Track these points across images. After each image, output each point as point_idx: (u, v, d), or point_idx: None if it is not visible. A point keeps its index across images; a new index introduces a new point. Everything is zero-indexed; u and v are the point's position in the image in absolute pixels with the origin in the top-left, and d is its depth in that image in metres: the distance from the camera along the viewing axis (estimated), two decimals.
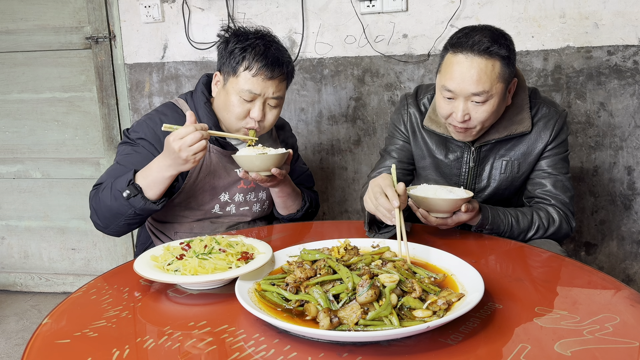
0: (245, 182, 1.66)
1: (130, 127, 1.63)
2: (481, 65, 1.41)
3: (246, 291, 1.02)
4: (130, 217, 1.46)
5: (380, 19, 2.34)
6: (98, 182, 1.55)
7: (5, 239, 3.00)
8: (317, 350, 0.87)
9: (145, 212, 1.45)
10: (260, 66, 1.50)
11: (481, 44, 1.41)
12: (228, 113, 1.55)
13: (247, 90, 1.51)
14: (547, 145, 1.58)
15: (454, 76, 1.43)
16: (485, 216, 1.47)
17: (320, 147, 2.54)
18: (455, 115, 1.46)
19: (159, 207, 1.45)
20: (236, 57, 1.51)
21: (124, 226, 1.51)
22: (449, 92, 1.45)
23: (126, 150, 1.58)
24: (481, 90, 1.41)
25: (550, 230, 1.53)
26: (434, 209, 1.39)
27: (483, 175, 1.62)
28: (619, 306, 1.01)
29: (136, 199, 1.41)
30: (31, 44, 2.70)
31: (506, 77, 1.45)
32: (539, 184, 1.59)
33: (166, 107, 1.64)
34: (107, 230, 1.53)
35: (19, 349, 2.42)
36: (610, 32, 2.15)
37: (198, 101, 1.62)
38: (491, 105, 1.45)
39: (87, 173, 2.80)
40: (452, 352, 0.86)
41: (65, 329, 0.97)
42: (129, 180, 1.42)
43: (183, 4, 2.50)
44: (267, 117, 1.57)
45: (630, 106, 2.19)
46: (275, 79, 1.53)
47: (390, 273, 1.00)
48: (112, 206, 1.45)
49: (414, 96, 1.71)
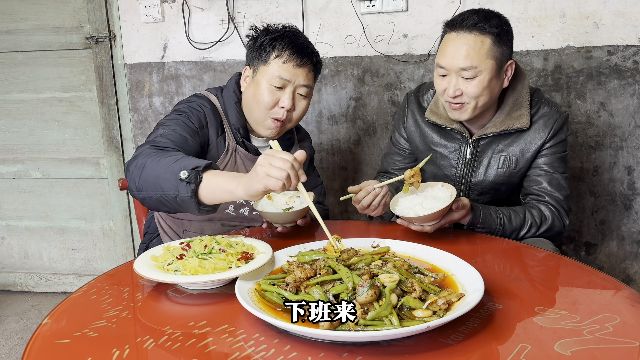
0: None
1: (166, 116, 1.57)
2: (470, 41, 1.47)
3: (246, 291, 1.02)
4: (169, 199, 1.24)
5: (380, 19, 2.34)
6: (158, 143, 1.38)
7: (5, 239, 3.00)
8: (317, 350, 0.87)
9: (183, 207, 1.24)
10: (289, 53, 1.53)
11: (470, 20, 1.48)
12: (257, 103, 1.56)
13: (277, 77, 1.53)
14: (545, 143, 1.59)
15: (445, 52, 1.51)
16: (476, 215, 1.49)
17: (320, 147, 2.54)
18: (448, 90, 1.52)
19: (198, 213, 1.23)
20: (266, 48, 1.55)
21: (155, 201, 1.29)
22: (442, 68, 1.52)
23: (178, 123, 1.49)
24: (469, 65, 1.47)
25: (543, 228, 1.55)
26: (424, 221, 1.40)
27: (480, 169, 1.64)
28: (619, 306, 1.01)
29: (187, 187, 1.18)
30: (31, 44, 2.70)
31: (497, 55, 1.49)
32: (535, 181, 1.61)
33: (203, 99, 1.61)
34: (138, 194, 1.31)
35: (19, 349, 2.42)
36: (610, 32, 2.15)
37: (229, 100, 1.62)
38: (481, 81, 1.48)
39: (87, 173, 2.80)
40: (452, 352, 0.86)
41: (65, 329, 0.97)
42: (197, 166, 1.19)
43: (183, 4, 2.50)
44: (296, 107, 1.58)
45: (630, 106, 2.19)
46: (304, 67, 1.55)
47: (390, 273, 1.00)
48: (162, 175, 1.23)
49: (415, 93, 1.77)
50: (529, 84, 1.63)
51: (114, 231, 2.87)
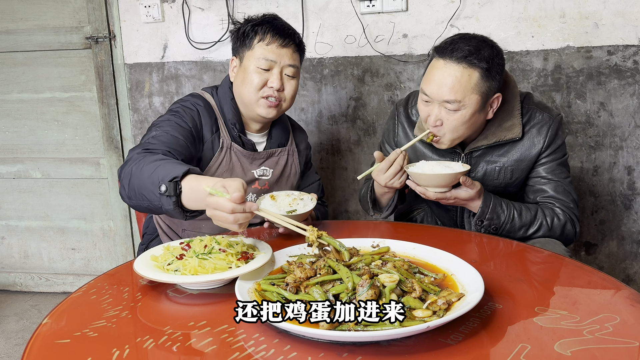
0: (259, 183, 1.67)
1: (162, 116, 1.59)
2: (457, 73, 1.42)
3: (246, 291, 1.02)
4: (156, 208, 1.27)
5: (380, 19, 2.34)
6: (149, 146, 1.40)
7: (5, 239, 3.00)
8: (317, 350, 0.87)
9: (169, 214, 1.27)
10: (272, 35, 1.59)
11: (460, 51, 1.41)
12: (246, 86, 1.59)
13: (263, 59, 1.57)
14: (542, 152, 1.56)
15: (431, 80, 1.46)
16: (486, 203, 1.47)
17: (320, 147, 2.54)
18: (430, 119, 1.49)
19: (185, 219, 1.27)
20: (249, 34, 1.61)
21: (145, 209, 1.33)
22: (425, 95, 1.48)
23: (170, 124, 1.51)
24: (453, 99, 1.42)
25: (555, 229, 1.52)
26: (432, 184, 1.40)
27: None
28: (619, 306, 1.01)
29: (169, 200, 1.21)
30: (31, 44, 2.70)
31: (484, 90, 1.44)
32: (540, 190, 1.57)
33: (197, 98, 1.64)
34: (129, 201, 1.35)
35: (19, 349, 2.42)
36: (610, 32, 2.15)
37: (224, 97, 1.66)
38: (462, 115, 1.44)
39: (87, 173, 2.80)
40: (452, 352, 0.86)
41: (65, 329, 0.97)
42: (174, 177, 1.21)
43: (183, 3, 2.50)
44: (286, 87, 1.61)
45: (630, 106, 2.19)
46: (288, 47, 1.60)
47: (390, 273, 1.00)
48: (145, 186, 1.26)
49: (404, 105, 1.73)
50: (519, 91, 1.59)
51: (113, 231, 2.87)
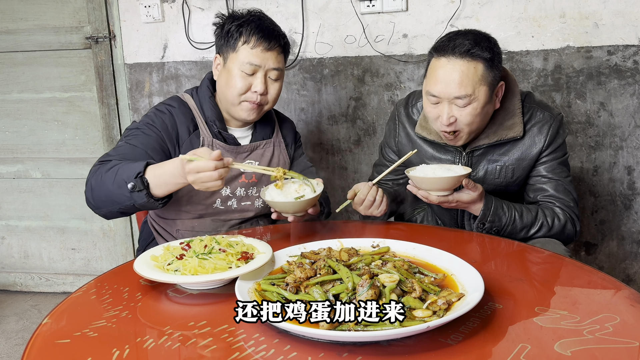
0: (246, 176, 1.66)
1: (137, 121, 1.63)
2: (463, 67, 1.42)
3: (246, 291, 1.02)
4: (128, 207, 1.39)
5: (380, 19, 2.34)
6: (103, 158, 1.49)
7: (5, 239, 3.00)
8: (317, 350, 0.87)
9: (145, 208, 1.39)
10: (257, 38, 1.55)
11: (462, 46, 1.42)
12: (230, 89, 1.58)
13: (247, 63, 1.55)
14: (542, 151, 1.57)
15: (437, 80, 1.45)
16: (487, 206, 1.47)
17: (320, 147, 2.54)
18: (442, 118, 1.47)
19: (160, 206, 1.39)
20: (234, 35, 1.57)
21: (117, 213, 1.44)
22: (434, 97, 1.47)
23: (135, 133, 1.56)
24: (463, 94, 1.42)
25: (555, 229, 1.52)
26: (434, 188, 1.40)
27: (476, 180, 1.60)
28: (619, 306, 1.01)
29: (140, 194, 1.32)
30: (31, 44, 2.70)
31: (490, 80, 1.45)
32: (540, 189, 1.58)
33: (173, 100, 1.66)
34: (98, 211, 1.46)
35: (19, 349, 2.42)
36: (610, 32, 2.15)
37: (203, 95, 1.66)
38: (474, 108, 1.45)
39: (87, 173, 2.77)
40: (452, 352, 0.86)
41: (65, 329, 0.97)
42: (138, 173, 1.32)
43: (183, 3, 2.50)
44: (269, 90, 1.60)
45: (630, 106, 2.19)
46: (273, 50, 1.57)
47: (390, 273, 1.00)
48: (112, 192, 1.37)
49: (404, 105, 1.73)
50: (520, 90, 1.60)
51: (113, 231, 2.87)
